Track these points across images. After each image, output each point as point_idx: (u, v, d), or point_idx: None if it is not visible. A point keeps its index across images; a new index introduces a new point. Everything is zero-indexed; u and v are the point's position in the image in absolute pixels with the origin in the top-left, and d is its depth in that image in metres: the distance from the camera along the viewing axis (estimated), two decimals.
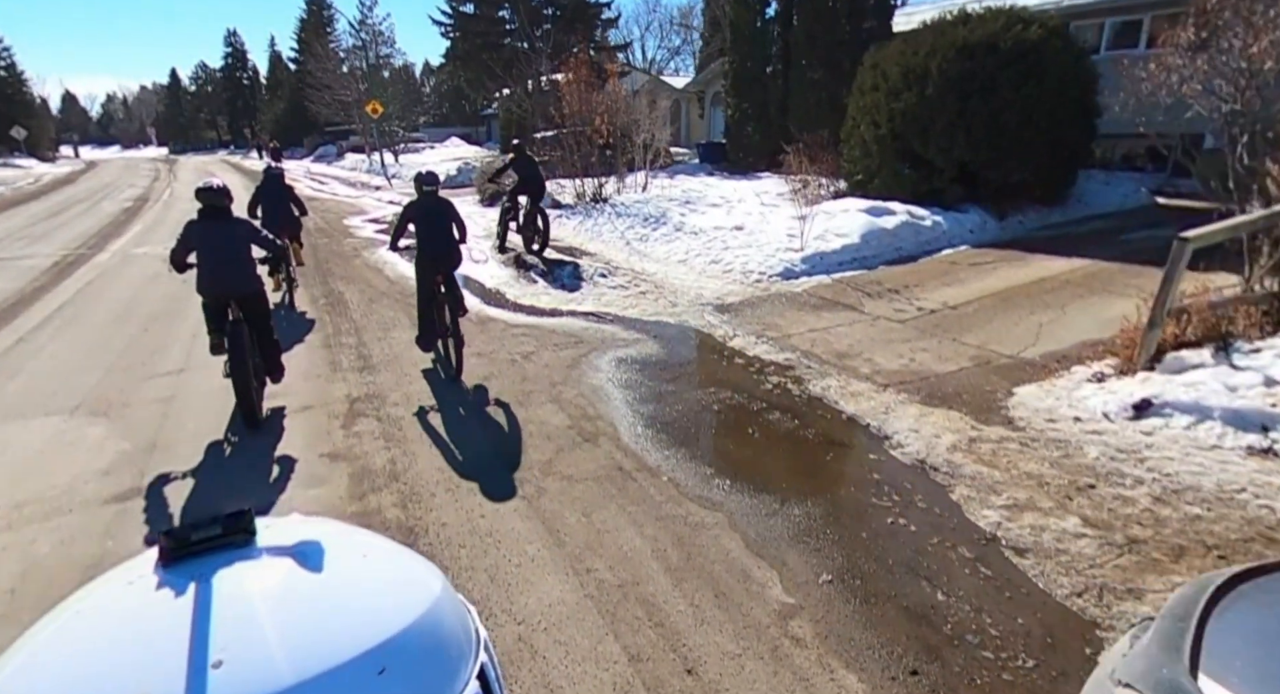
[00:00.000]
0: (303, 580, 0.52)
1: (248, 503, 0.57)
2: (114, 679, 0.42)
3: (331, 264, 10.06)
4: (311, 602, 0.50)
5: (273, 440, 4.48)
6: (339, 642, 0.46)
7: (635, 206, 12.43)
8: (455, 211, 5.53)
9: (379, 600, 0.53)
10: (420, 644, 0.51)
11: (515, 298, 7.82)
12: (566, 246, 10.96)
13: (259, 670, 0.43)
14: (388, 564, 0.58)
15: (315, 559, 0.53)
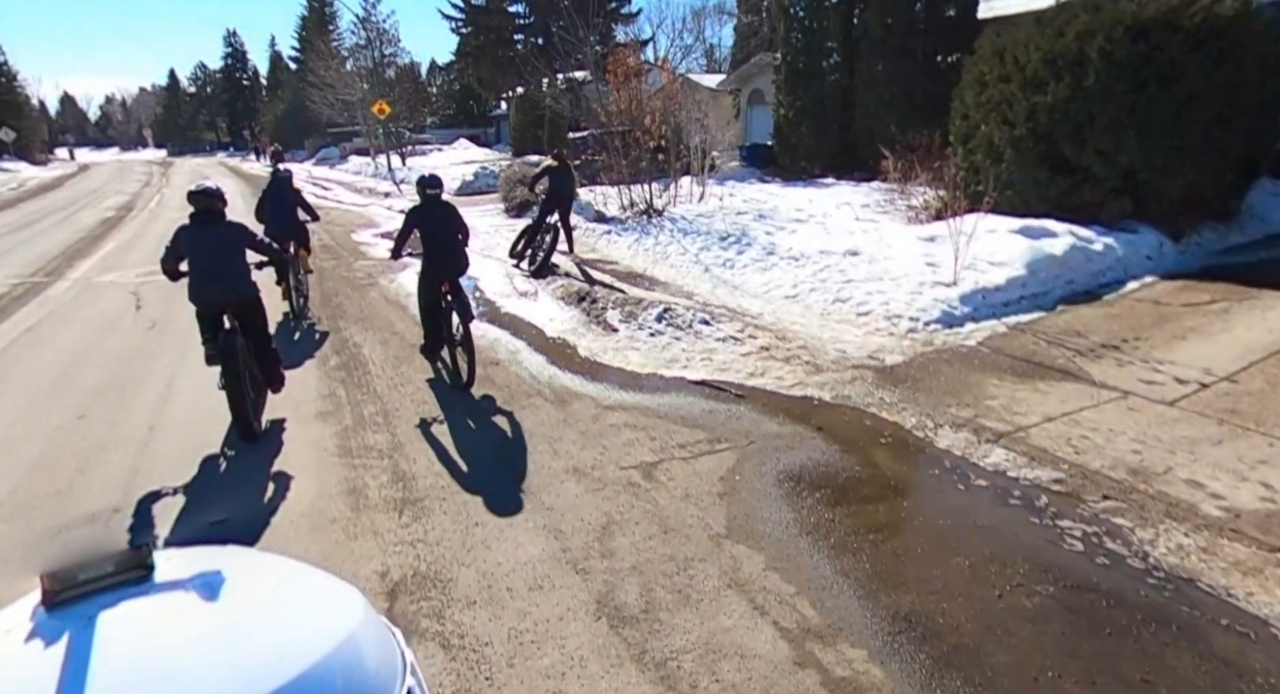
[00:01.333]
0: (205, 617, 0.44)
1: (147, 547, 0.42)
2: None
3: (342, 297, 8.08)
4: (214, 640, 0.42)
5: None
6: (246, 682, 0.39)
7: (699, 221, 10.47)
8: (459, 216, 5.38)
9: (292, 633, 0.45)
10: (340, 676, 0.43)
11: (592, 353, 5.84)
12: (626, 271, 8.99)
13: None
14: (302, 592, 0.49)
15: (219, 592, 0.45)
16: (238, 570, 0.52)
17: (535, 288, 8.18)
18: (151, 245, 11.73)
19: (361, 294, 8.14)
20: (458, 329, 5.21)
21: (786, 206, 11.44)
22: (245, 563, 0.55)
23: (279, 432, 4.58)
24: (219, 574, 0.51)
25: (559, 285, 7.98)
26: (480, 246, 11.13)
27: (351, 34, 41.58)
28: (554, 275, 8.62)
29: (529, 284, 8.38)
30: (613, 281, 8.27)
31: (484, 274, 9.16)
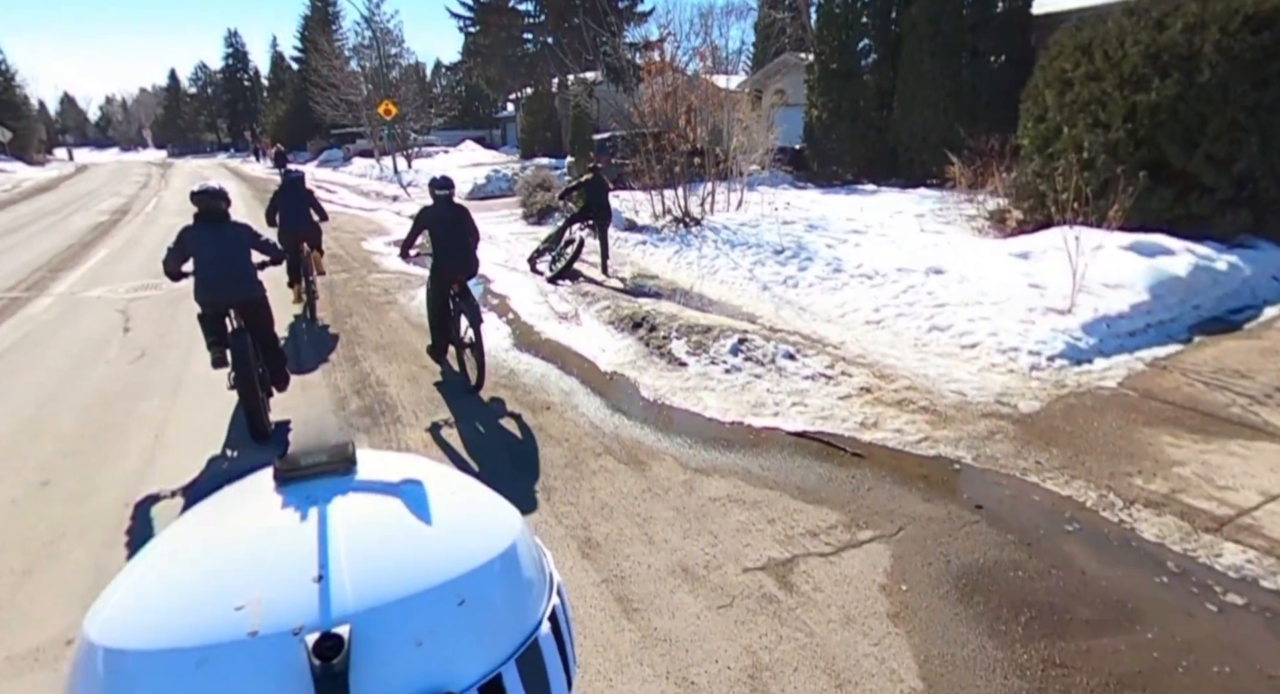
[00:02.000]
0: (396, 510, 0.50)
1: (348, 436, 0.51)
2: (226, 581, 0.44)
3: (358, 318, 7.17)
4: (402, 530, 0.49)
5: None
6: (425, 569, 0.46)
7: (743, 231, 9.58)
8: (470, 218, 5.33)
9: (463, 535, 0.50)
10: (498, 581, 0.49)
11: (659, 394, 4.92)
12: (670, 287, 8.09)
13: (352, 588, 0.43)
14: (473, 503, 0.55)
15: (408, 492, 0.52)
16: (423, 476, 0.56)
17: (575, 308, 7.27)
18: (146, 254, 10.83)
19: (380, 315, 7.22)
20: (466, 332, 5.16)
21: (835, 215, 10.55)
22: (428, 471, 0.57)
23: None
24: (412, 478, 0.55)
25: (603, 306, 7.06)
26: (503, 258, 10.23)
27: (355, 34, 40.82)
28: (593, 295, 7.70)
29: (566, 303, 7.47)
30: (658, 302, 7.35)
31: (512, 290, 8.26)
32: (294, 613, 0.43)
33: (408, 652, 0.44)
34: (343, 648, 0.41)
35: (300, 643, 0.41)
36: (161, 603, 0.45)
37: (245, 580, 0.45)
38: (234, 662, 0.41)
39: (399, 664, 0.43)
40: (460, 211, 5.30)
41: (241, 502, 0.54)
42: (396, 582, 0.46)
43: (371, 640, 0.42)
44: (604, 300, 7.28)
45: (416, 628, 0.45)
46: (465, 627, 0.47)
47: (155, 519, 3.49)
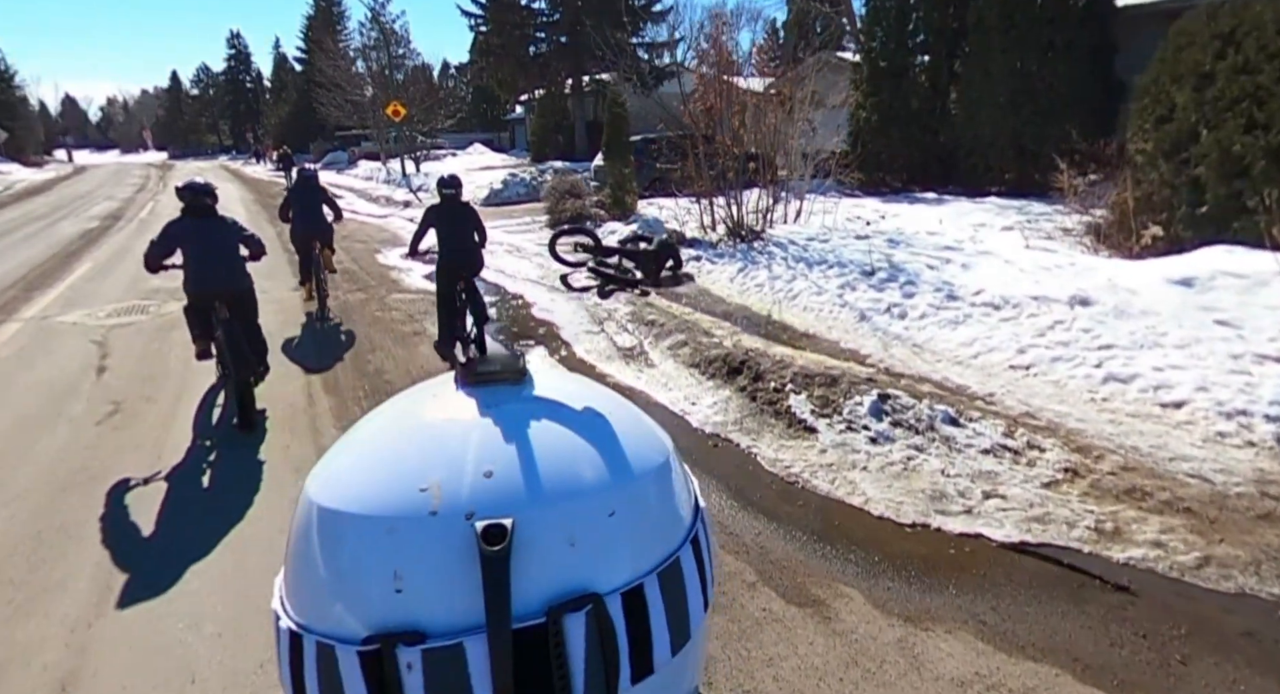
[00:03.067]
0: (560, 420, 0.53)
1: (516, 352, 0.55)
2: (412, 465, 0.49)
3: (383, 355, 5.96)
4: (564, 439, 0.52)
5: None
6: (582, 477, 0.50)
7: (814, 247, 8.41)
8: (477, 216, 5.50)
9: (618, 452, 0.53)
10: (646, 497, 0.53)
11: (792, 474, 3.71)
12: (741, 311, 6.91)
13: (516, 486, 0.47)
14: (629, 423, 0.57)
15: (572, 405, 0.56)
16: (585, 393, 0.58)
17: (640, 341, 6.08)
18: (135, 267, 9.62)
19: (410, 351, 6.02)
20: (472, 328, 5.28)
21: (913, 228, 9.37)
22: (590, 389, 0.60)
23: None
24: (575, 392, 0.58)
25: (677, 341, 5.87)
26: (536, 273, 9.05)
27: (360, 34, 39.74)
28: (658, 324, 6.51)
29: (629, 335, 6.28)
30: (734, 331, 6.16)
31: (558, 313, 7.08)
32: (466, 501, 0.46)
33: (561, 549, 0.46)
34: (506, 537, 0.43)
35: (471, 527, 0.44)
36: (363, 476, 0.50)
37: (428, 466, 0.49)
38: (417, 533, 0.45)
39: (552, 559, 0.46)
40: (465, 210, 5.48)
41: (427, 398, 0.57)
42: (555, 485, 0.48)
43: (530, 534, 0.45)
44: (676, 333, 6.08)
45: (570, 529, 0.47)
46: (613, 535, 0.49)
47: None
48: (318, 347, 6.14)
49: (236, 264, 4.59)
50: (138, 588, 2.87)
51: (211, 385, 5.17)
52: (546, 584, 0.46)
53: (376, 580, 0.45)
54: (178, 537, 3.24)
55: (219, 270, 4.45)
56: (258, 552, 3.09)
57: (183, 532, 3.28)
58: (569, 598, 0.46)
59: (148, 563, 3.05)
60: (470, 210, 5.55)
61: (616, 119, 11.63)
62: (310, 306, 7.30)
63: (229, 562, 3.04)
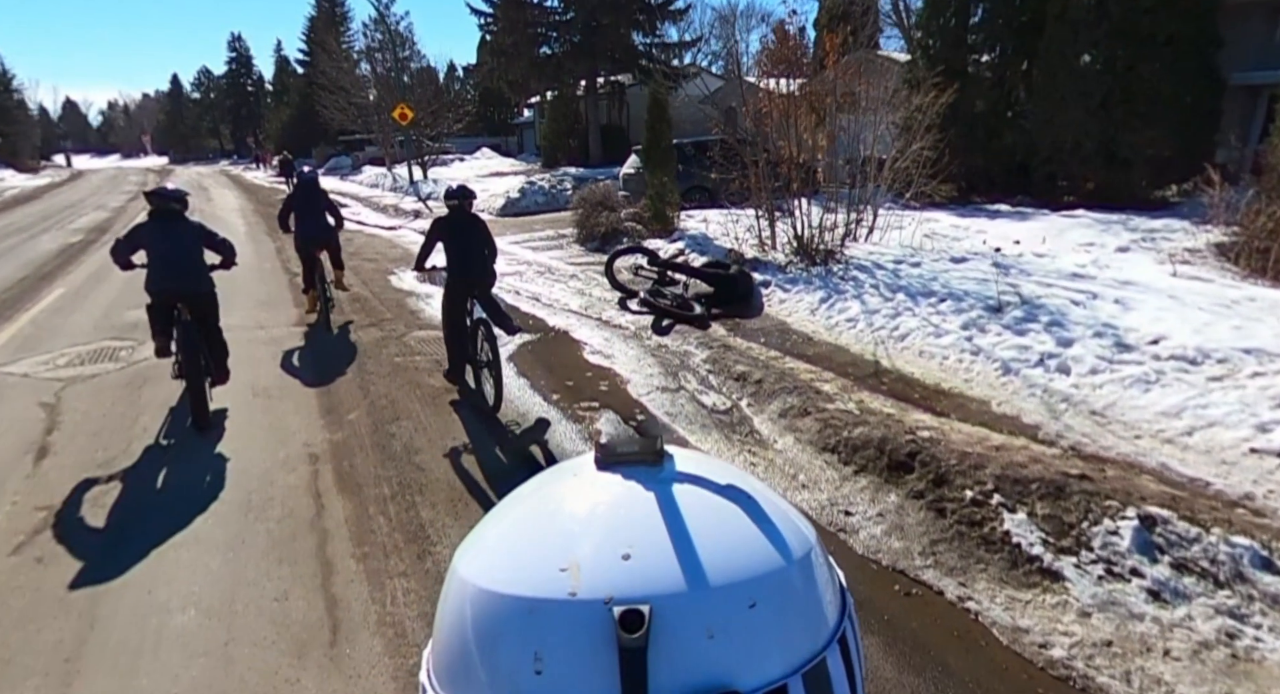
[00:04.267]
0: (699, 505, 0.52)
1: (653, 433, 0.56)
2: (553, 546, 0.49)
3: (408, 421, 4.65)
4: (703, 525, 0.51)
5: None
6: (721, 565, 0.48)
7: (907, 272, 7.15)
8: (487, 230, 5.18)
9: (759, 540, 0.51)
10: (790, 590, 0.50)
11: (1051, 657, 2.43)
12: (837, 355, 5.62)
13: (654, 571, 0.46)
14: (771, 510, 0.55)
15: (711, 489, 0.54)
16: (724, 478, 0.57)
17: (733, 401, 4.80)
18: (113, 293, 8.38)
19: (444, 419, 4.71)
20: (484, 351, 4.94)
21: (1010, 248, 8.10)
22: (729, 474, 0.58)
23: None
24: (715, 479, 0.56)
25: (787, 404, 4.59)
26: (579, 302, 7.79)
27: (364, 36, 38.54)
28: (749, 379, 5.22)
29: (715, 392, 5.00)
30: (854, 388, 4.87)
31: (618, 358, 5.80)
32: (605, 584, 0.45)
33: (700, 641, 0.45)
34: (644, 624, 0.43)
35: (609, 612, 0.44)
36: (506, 555, 0.51)
37: (567, 548, 0.48)
38: (558, 615, 0.45)
39: (691, 651, 0.44)
40: (475, 223, 5.16)
41: (567, 478, 0.58)
42: (694, 572, 0.47)
43: (667, 623, 0.44)
44: (781, 392, 4.78)
45: (709, 621, 0.46)
46: (754, 629, 0.47)
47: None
48: (327, 408, 4.87)
49: (198, 267, 4.62)
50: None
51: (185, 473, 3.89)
52: (684, 678, 0.43)
53: (518, 660, 0.45)
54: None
55: (179, 272, 4.51)
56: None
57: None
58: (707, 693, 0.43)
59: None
60: (480, 223, 5.18)
61: (657, 119, 10.37)
62: (312, 318, 7.04)
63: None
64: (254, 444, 4.26)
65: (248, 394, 5.05)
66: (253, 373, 5.52)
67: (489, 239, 5.18)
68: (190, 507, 3.52)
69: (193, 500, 3.58)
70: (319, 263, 6.96)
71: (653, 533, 0.49)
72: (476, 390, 5.15)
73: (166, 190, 4.72)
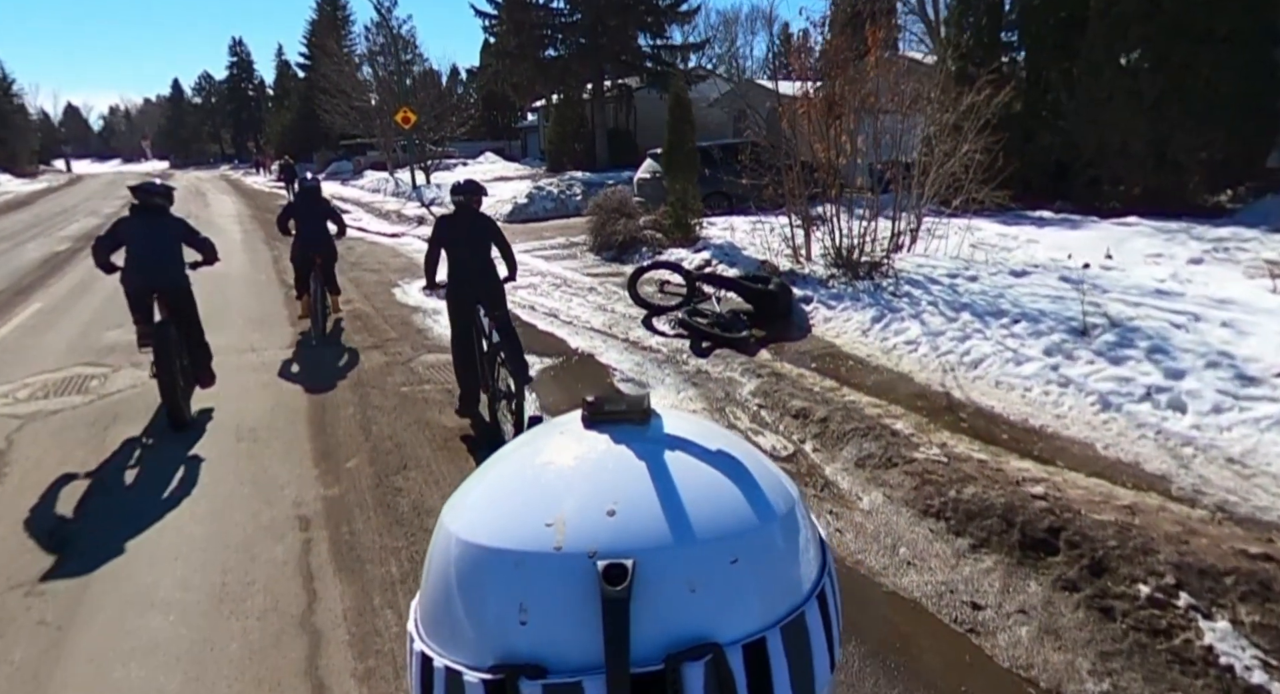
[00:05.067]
0: (683, 462, 0.53)
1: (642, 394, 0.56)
2: (539, 501, 0.50)
3: (416, 472, 3.94)
4: (687, 482, 0.51)
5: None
6: (704, 522, 0.49)
7: (966, 286, 6.51)
8: (500, 232, 4.59)
9: (741, 498, 0.52)
10: (772, 547, 0.51)
11: None
12: (899, 384, 4.93)
13: (638, 527, 0.47)
14: (754, 469, 0.56)
15: (696, 448, 0.55)
16: (710, 434, 0.57)
17: (796, 444, 4.11)
18: (93, 310, 7.71)
19: (458, 464, 4.02)
20: (502, 378, 4.22)
21: (1070, 260, 7.42)
22: (715, 430, 0.59)
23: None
24: (699, 435, 0.56)
25: (864, 450, 3.90)
26: (601, 319, 7.11)
27: (365, 39, 38.01)
28: (810, 416, 4.53)
29: (772, 432, 4.30)
30: (932, 427, 4.19)
31: (649, 383, 5.12)
32: (589, 538, 0.46)
33: (681, 595, 0.46)
34: (627, 577, 0.44)
35: (593, 565, 0.44)
36: (493, 509, 0.51)
37: (553, 502, 0.49)
38: (542, 568, 0.46)
39: (672, 604, 0.45)
40: (484, 222, 4.56)
41: (554, 435, 0.58)
42: (677, 528, 0.48)
43: (650, 577, 0.45)
44: (852, 433, 4.09)
45: (691, 575, 0.46)
46: (735, 583, 0.48)
47: None
48: (322, 452, 4.19)
49: (176, 261, 4.62)
50: None
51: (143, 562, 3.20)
52: (666, 629, 0.45)
53: (504, 612, 0.46)
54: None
55: (155, 265, 4.48)
56: None
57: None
58: (688, 646, 0.44)
59: None
60: (490, 224, 4.58)
61: (680, 120, 9.69)
62: (304, 326, 6.80)
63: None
64: (234, 503, 3.57)
65: (231, 438, 4.37)
66: (239, 408, 4.84)
67: (503, 243, 4.58)
68: (146, 596, 2.83)
69: (151, 588, 2.89)
70: (316, 269, 6.68)
71: (638, 489, 0.49)
72: (494, 426, 4.49)
73: (153, 185, 4.69)
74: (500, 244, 4.57)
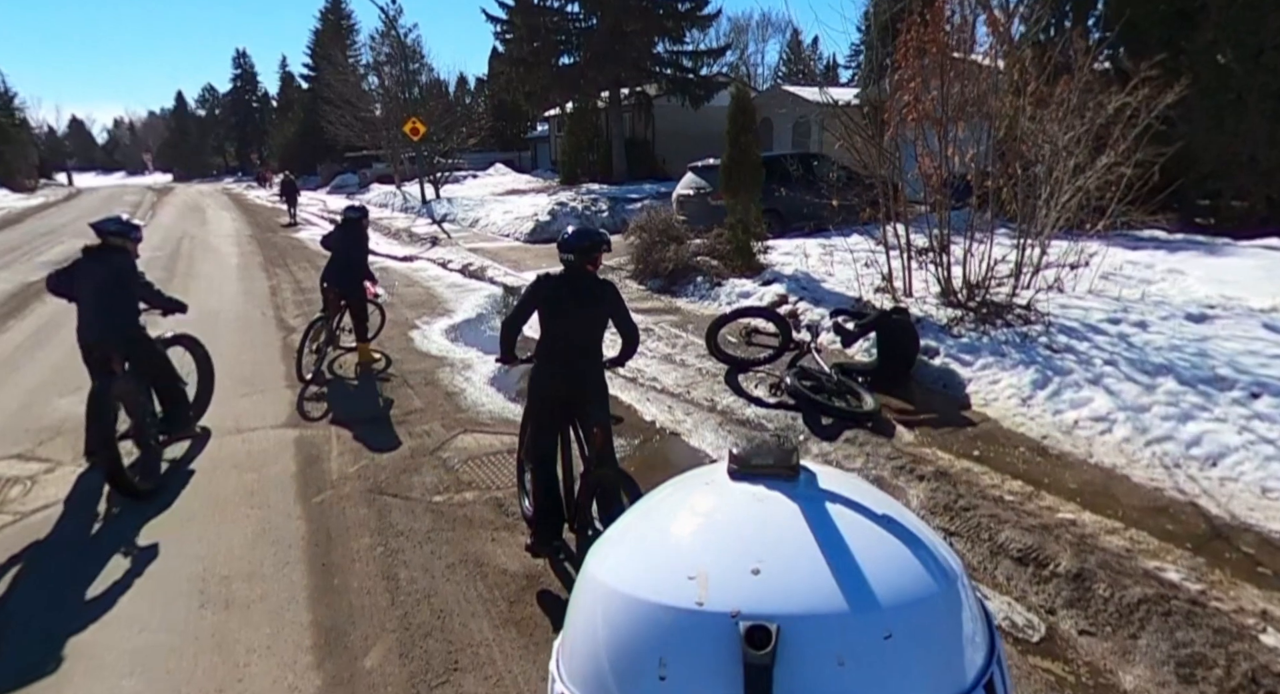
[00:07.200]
0: (835, 524, 0.49)
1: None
2: (682, 553, 0.48)
3: (470, 683, 2.54)
4: (840, 545, 0.48)
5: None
6: (856, 590, 0.45)
7: (1142, 338, 5.19)
8: (620, 301, 3.20)
9: (899, 567, 0.48)
10: (931, 625, 0.46)
11: None
12: (1132, 496, 3.50)
13: (783, 589, 0.44)
14: (914, 537, 0.51)
15: (848, 508, 0.51)
16: (864, 495, 0.53)
17: (1044, 613, 2.69)
18: (47, 367, 6.35)
19: (534, 653, 2.61)
20: (595, 514, 3.10)
21: (1222, 295, 6.02)
22: (869, 495, 0.54)
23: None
24: (852, 498, 0.52)
25: (1181, 648, 2.48)
26: (675, 378, 5.73)
27: (371, 49, 36.87)
28: (1028, 550, 3.12)
29: (994, 587, 2.89)
30: (1240, 584, 2.77)
31: None
32: (732, 596, 0.44)
33: (829, 668, 0.42)
34: (771, 642, 0.41)
35: (735, 626, 0.42)
36: (637, 557, 0.50)
37: (696, 556, 0.47)
38: (683, 624, 0.44)
39: (819, 677, 0.42)
40: (601, 290, 3.15)
41: (699, 485, 0.56)
42: (826, 596, 0.44)
43: (795, 644, 0.42)
44: (1158, 617, 2.68)
45: (839, 647, 0.43)
46: (889, 662, 0.43)
47: None
48: (325, 632, 2.80)
49: (123, 312, 4.14)
50: None
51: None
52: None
53: (644, 665, 0.44)
54: None
55: (97, 318, 4.05)
56: None
57: None
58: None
59: None
60: (611, 293, 3.19)
61: (742, 130, 8.32)
62: (311, 389, 5.70)
63: None
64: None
65: (191, 600, 2.97)
66: (210, 537, 3.45)
67: (625, 321, 3.23)
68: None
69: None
70: (337, 309, 6.14)
71: (784, 548, 0.47)
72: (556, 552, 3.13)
73: (111, 222, 4.26)
74: (621, 322, 3.23)
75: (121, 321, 4.14)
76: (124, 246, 4.26)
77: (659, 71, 25.43)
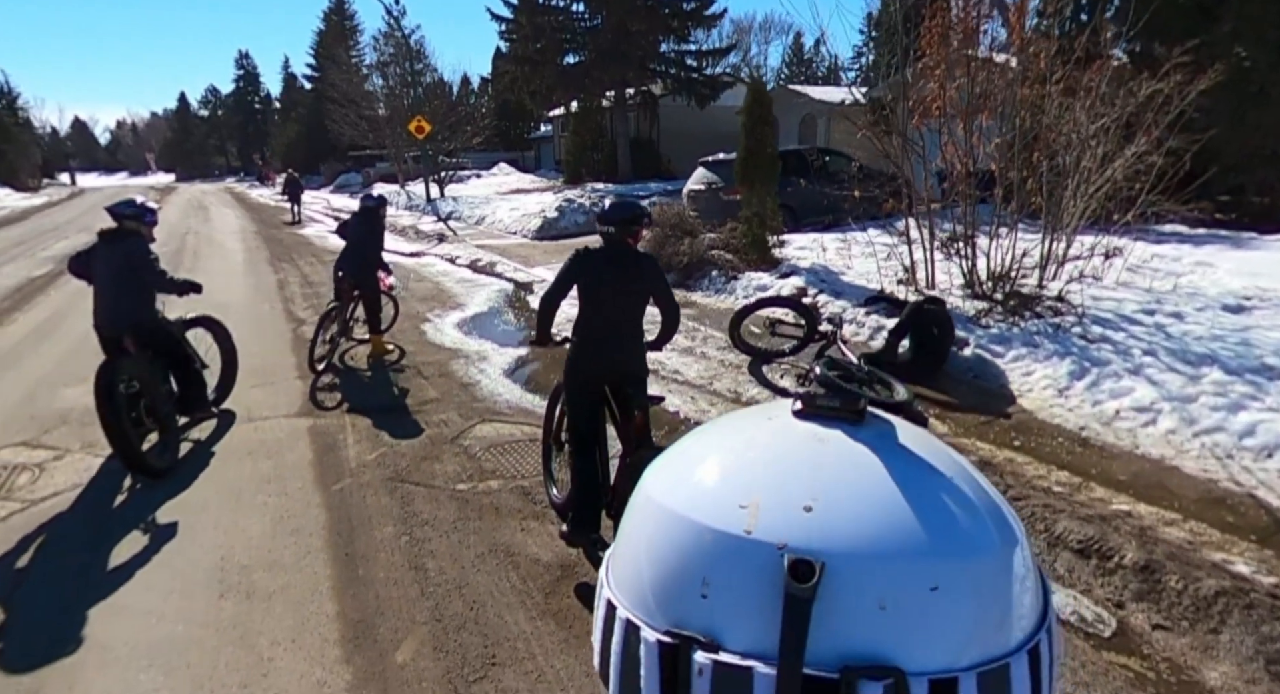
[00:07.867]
0: (895, 473, 0.48)
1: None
2: (737, 480, 0.48)
3: (509, 679, 2.40)
4: (895, 492, 0.47)
5: None
6: (907, 538, 0.44)
7: (1179, 329, 5.05)
8: (661, 277, 3.12)
9: (955, 522, 0.46)
10: (981, 583, 0.45)
11: None
12: (1189, 493, 3.35)
13: (833, 528, 0.44)
14: (977, 495, 0.49)
15: (910, 458, 0.50)
16: (930, 447, 0.52)
17: (1114, 606, 2.54)
18: (54, 357, 6.21)
19: (574, 647, 2.47)
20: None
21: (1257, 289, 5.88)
22: (934, 447, 0.52)
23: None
24: (915, 444, 0.51)
25: (1266, 642, 2.33)
26: (697, 371, 5.61)
27: (374, 50, 36.80)
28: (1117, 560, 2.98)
29: (1056, 580, 2.74)
30: None
31: None
32: (781, 529, 0.44)
33: (869, 610, 0.42)
34: (814, 576, 0.41)
35: (781, 557, 0.43)
36: (691, 479, 0.50)
37: (750, 485, 0.48)
38: (730, 548, 0.44)
39: (857, 616, 0.42)
40: (642, 266, 3.01)
41: (761, 420, 0.55)
42: (876, 539, 0.44)
43: (838, 582, 0.42)
44: (1221, 603, 2.53)
45: (882, 591, 0.43)
46: (932, 612, 0.43)
47: None
48: (352, 624, 2.67)
49: (132, 295, 4.07)
50: None
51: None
52: (845, 640, 0.42)
53: (688, 582, 0.45)
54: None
55: (110, 304, 4.03)
56: None
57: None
58: (868, 664, 0.41)
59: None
60: (652, 268, 3.07)
61: (758, 122, 8.19)
62: (323, 380, 5.52)
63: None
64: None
65: (211, 590, 2.82)
66: (227, 526, 3.30)
67: (667, 298, 3.10)
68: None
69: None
70: (350, 299, 6.01)
71: (841, 489, 0.47)
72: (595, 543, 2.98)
73: (125, 205, 4.18)
74: (662, 298, 3.09)
75: (134, 304, 4.09)
76: (137, 230, 4.19)
77: (664, 71, 25.35)
